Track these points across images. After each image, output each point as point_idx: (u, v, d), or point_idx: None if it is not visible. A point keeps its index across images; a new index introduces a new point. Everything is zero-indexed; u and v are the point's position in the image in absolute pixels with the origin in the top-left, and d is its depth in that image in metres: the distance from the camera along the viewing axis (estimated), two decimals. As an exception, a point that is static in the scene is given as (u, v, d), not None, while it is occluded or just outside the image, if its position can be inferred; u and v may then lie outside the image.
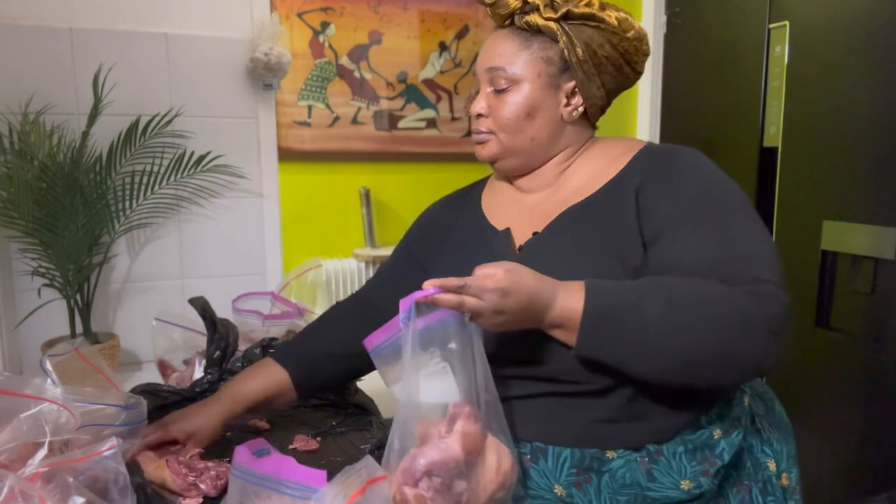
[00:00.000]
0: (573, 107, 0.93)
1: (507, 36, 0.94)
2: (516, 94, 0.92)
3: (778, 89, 1.97)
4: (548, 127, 0.93)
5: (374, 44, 2.20)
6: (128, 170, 1.61)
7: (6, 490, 0.72)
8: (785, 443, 0.95)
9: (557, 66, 0.91)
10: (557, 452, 0.86)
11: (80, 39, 1.61)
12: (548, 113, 0.93)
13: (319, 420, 1.22)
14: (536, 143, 0.94)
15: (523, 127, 0.93)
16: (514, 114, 0.92)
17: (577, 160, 0.96)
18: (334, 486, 0.80)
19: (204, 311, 1.31)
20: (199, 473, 0.92)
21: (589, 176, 0.93)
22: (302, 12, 2.09)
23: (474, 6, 2.36)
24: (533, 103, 0.92)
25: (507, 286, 0.74)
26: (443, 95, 2.32)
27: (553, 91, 0.92)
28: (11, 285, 1.60)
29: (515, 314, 0.75)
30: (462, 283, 0.73)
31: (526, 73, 0.91)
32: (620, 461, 0.84)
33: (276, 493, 0.86)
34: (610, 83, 0.94)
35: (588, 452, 0.84)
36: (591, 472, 0.84)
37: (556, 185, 0.96)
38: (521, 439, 0.88)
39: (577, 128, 0.96)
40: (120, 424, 0.93)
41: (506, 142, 0.94)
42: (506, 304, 0.74)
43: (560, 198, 0.94)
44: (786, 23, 1.94)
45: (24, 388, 0.83)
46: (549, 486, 0.86)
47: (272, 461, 0.91)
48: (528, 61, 0.91)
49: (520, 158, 0.96)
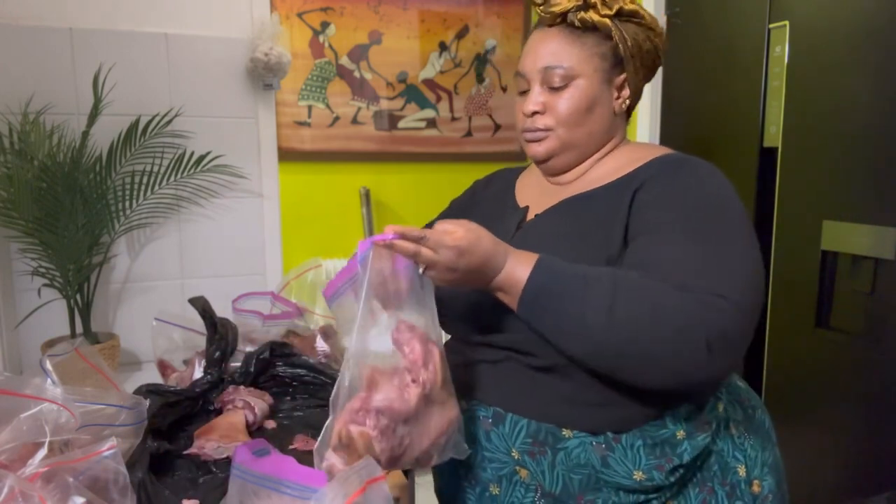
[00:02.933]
0: (622, 99, 0.97)
1: (559, 33, 0.95)
2: (574, 89, 0.94)
3: (778, 89, 1.97)
4: (603, 120, 0.97)
5: (374, 44, 2.20)
6: (128, 170, 1.61)
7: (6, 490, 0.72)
8: (761, 450, 0.95)
9: (610, 61, 0.95)
10: (515, 420, 0.90)
11: (80, 39, 1.61)
12: (604, 106, 0.96)
13: (319, 420, 1.22)
14: (593, 137, 0.97)
15: (583, 121, 0.95)
16: (575, 109, 0.95)
17: (607, 157, 1.00)
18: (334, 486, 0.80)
19: (204, 311, 1.32)
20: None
21: (606, 172, 0.97)
22: (302, 12, 2.09)
23: (474, 6, 2.36)
24: (591, 97, 0.95)
25: (464, 245, 0.77)
26: (443, 95, 2.32)
27: (607, 85, 0.96)
28: (11, 285, 1.60)
29: (466, 274, 0.79)
30: (422, 234, 0.76)
31: (583, 69, 0.94)
32: (576, 441, 0.86)
33: (276, 492, 0.86)
34: (646, 78, 1.00)
35: (544, 426, 0.88)
36: (546, 447, 0.87)
37: (580, 179, 1.00)
38: (483, 402, 0.93)
39: (621, 120, 1.01)
40: (120, 424, 0.93)
41: (565, 136, 0.96)
42: (459, 262, 0.78)
43: (576, 188, 0.98)
44: (786, 23, 1.94)
45: (24, 388, 0.83)
46: (507, 449, 0.90)
47: (272, 461, 0.91)
48: (584, 58, 0.94)
49: (575, 153, 0.98)
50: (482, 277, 0.81)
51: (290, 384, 1.33)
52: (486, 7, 2.36)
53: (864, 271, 1.74)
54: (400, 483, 1.05)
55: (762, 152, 2.04)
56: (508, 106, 2.48)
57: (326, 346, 1.51)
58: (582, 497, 0.87)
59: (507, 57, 2.44)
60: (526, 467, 0.89)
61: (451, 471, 0.98)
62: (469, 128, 2.38)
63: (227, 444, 1.07)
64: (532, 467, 0.88)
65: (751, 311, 0.77)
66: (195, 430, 1.12)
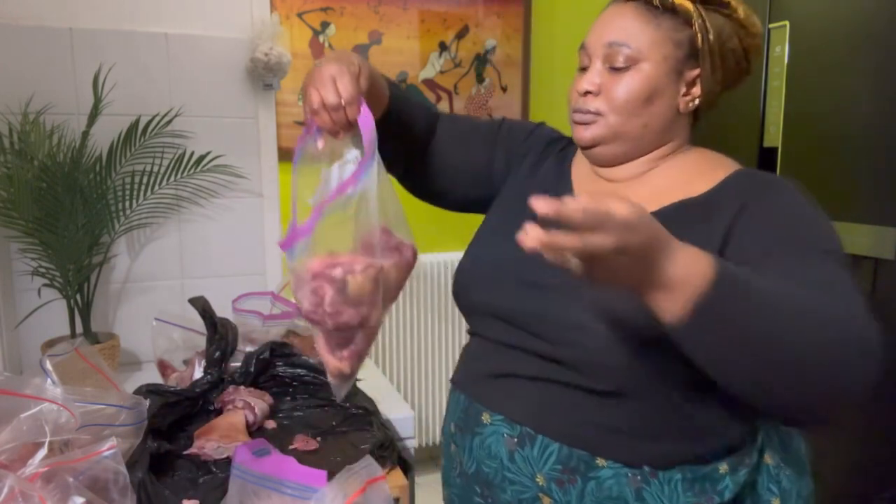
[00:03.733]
0: (691, 97, 0.86)
1: (634, 10, 0.84)
2: (637, 73, 0.83)
3: (778, 89, 1.97)
4: (663, 115, 0.85)
5: (374, 44, 2.20)
6: (128, 170, 1.61)
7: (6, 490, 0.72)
8: (797, 480, 0.88)
9: (685, 51, 0.83)
10: (545, 444, 0.82)
11: (80, 39, 1.61)
12: (666, 100, 0.85)
13: (319, 420, 1.22)
14: (648, 131, 0.86)
15: (639, 111, 0.84)
16: (633, 96, 0.84)
17: (668, 161, 0.89)
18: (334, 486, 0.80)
19: (204, 311, 1.32)
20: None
21: (673, 182, 0.87)
22: (302, 12, 2.09)
23: (474, 6, 2.36)
24: (654, 87, 0.83)
25: (633, 219, 0.57)
26: (443, 95, 2.32)
27: (675, 77, 0.84)
28: (11, 285, 1.60)
29: (636, 258, 0.59)
30: (578, 212, 0.55)
31: (651, 54, 0.82)
32: (610, 472, 0.79)
33: (277, 492, 0.86)
34: (728, 78, 0.87)
35: (576, 452, 0.80)
36: (577, 475, 0.80)
37: (637, 182, 0.89)
38: (513, 420, 0.85)
39: (685, 122, 0.89)
40: (120, 424, 0.94)
41: (615, 125, 0.86)
42: (631, 241, 0.57)
43: (640, 191, 0.87)
44: (786, 23, 1.94)
45: (25, 388, 0.83)
46: (531, 474, 0.83)
47: (272, 461, 0.91)
48: (655, 41, 0.82)
49: (625, 145, 0.87)
50: (651, 263, 0.60)
51: (290, 384, 1.33)
52: (486, 7, 2.36)
53: (864, 271, 1.74)
54: (400, 483, 1.05)
55: (762, 152, 2.04)
56: (508, 106, 2.48)
57: (326, 346, 1.51)
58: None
59: (507, 57, 2.44)
60: (551, 496, 0.81)
61: (467, 485, 0.91)
62: (469, 128, 2.38)
63: (227, 444, 1.07)
64: (558, 496, 0.81)
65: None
66: (195, 431, 1.12)
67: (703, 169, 0.86)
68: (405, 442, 1.34)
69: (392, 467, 1.08)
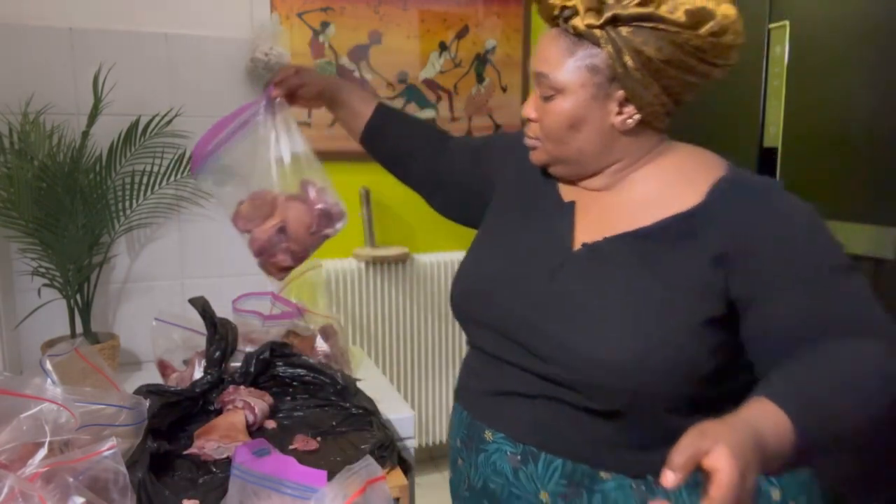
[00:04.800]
0: (626, 115, 0.83)
1: (555, 38, 0.83)
2: (560, 103, 0.83)
3: (778, 89, 1.97)
4: (596, 139, 0.84)
5: (374, 44, 2.21)
6: (128, 170, 1.61)
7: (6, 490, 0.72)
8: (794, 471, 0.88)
9: (605, 75, 0.81)
10: (549, 460, 0.83)
11: (80, 39, 1.61)
12: (595, 125, 0.83)
13: (319, 420, 1.22)
14: (585, 154, 0.86)
15: (567, 139, 0.85)
16: (557, 125, 0.85)
17: (642, 168, 0.87)
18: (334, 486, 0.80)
19: (204, 311, 1.32)
20: None
21: (658, 189, 0.85)
22: (302, 12, 2.09)
23: (474, 6, 2.36)
24: (576, 115, 0.83)
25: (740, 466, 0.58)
26: (443, 95, 2.32)
27: (601, 101, 0.82)
28: (11, 285, 1.60)
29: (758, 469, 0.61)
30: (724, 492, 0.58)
31: (569, 83, 0.82)
32: (614, 483, 0.81)
33: (277, 492, 0.86)
34: (676, 86, 0.82)
35: (580, 467, 0.81)
36: (582, 489, 0.81)
37: (618, 187, 0.88)
38: (515, 439, 0.86)
39: (635, 137, 0.85)
40: (120, 424, 0.94)
41: (552, 150, 0.88)
42: (752, 481, 0.60)
43: (624, 200, 0.87)
44: (786, 23, 1.94)
45: (25, 388, 0.83)
46: (535, 491, 0.84)
47: (272, 461, 0.91)
48: (572, 70, 0.81)
49: (569, 167, 0.89)
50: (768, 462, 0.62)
51: (290, 384, 1.33)
52: (486, 7, 2.36)
53: (864, 271, 1.74)
54: (400, 483, 1.05)
55: (762, 152, 2.04)
56: (508, 106, 2.48)
57: (326, 346, 1.51)
58: None
59: (507, 57, 2.44)
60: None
61: (475, 499, 0.92)
62: (469, 128, 2.38)
63: (228, 444, 1.07)
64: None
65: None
66: (195, 431, 1.12)
67: (689, 173, 0.84)
68: (405, 442, 1.34)
69: (392, 467, 1.08)
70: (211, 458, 1.06)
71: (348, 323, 2.20)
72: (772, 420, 0.63)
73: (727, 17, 0.79)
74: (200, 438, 1.09)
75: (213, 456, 1.06)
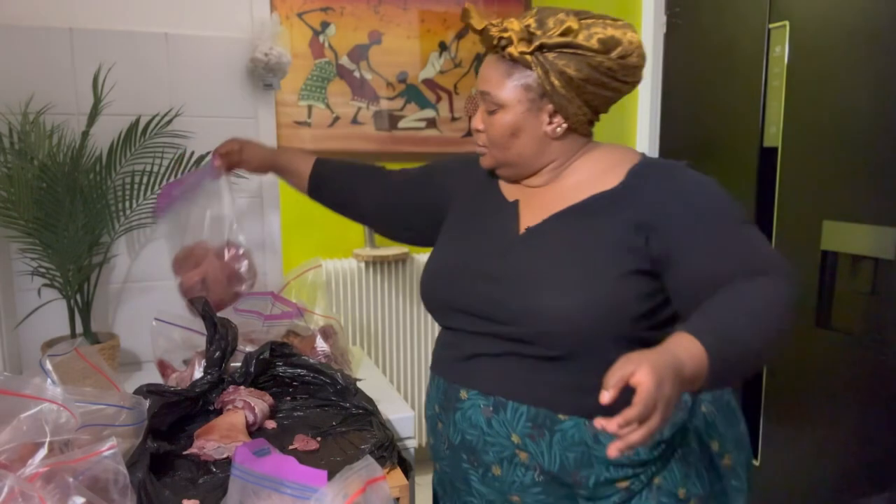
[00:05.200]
0: (556, 125, 1.01)
1: (496, 63, 1.01)
2: (501, 116, 1.01)
3: (778, 89, 1.97)
4: (532, 144, 1.02)
5: (374, 44, 2.21)
6: (128, 170, 1.61)
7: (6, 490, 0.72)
8: (729, 425, 1.06)
9: (536, 92, 0.99)
10: (515, 407, 0.98)
11: (80, 39, 1.61)
12: (531, 132, 1.01)
13: (320, 420, 1.22)
14: (524, 157, 1.04)
15: (509, 145, 1.03)
16: (501, 134, 1.02)
17: (572, 164, 1.05)
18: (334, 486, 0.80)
19: (204, 311, 1.32)
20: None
21: (586, 178, 1.03)
22: (302, 12, 2.09)
23: (474, 6, 2.36)
24: (516, 125, 1.01)
25: (655, 380, 0.71)
26: (443, 95, 2.32)
27: (535, 113, 1.00)
28: (11, 285, 1.60)
29: (675, 393, 0.74)
30: (637, 412, 0.70)
31: (508, 100, 1.00)
32: (571, 423, 0.96)
33: (277, 492, 0.86)
34: (595, 100, 0.99)
35: (542, 412, 0.97)
36: (544, 429, 0.96)
37: (554, 183, 1.06)
38: (486, 393, 1.01)
39: (564, 141, 1.03)
40: (120, 424, 0.94)
41: (497, 155, 1.06)
42: (669, 392, 0.72)
43: (558, 190, 1.04)
44: (786, 23, 1.94)
45: (25, 388, 0.83)
46: (507, 435, 0.99)
47: (272, 461, 0.91)
48: (510, 88, 0.99)
49: (512, 169, 1.07)
50: (681, 384, 0.75)
51: (291, 384, 1.33)
52: (486, 7, 2.36)
53: (864, 271, 1.74)
54: (400, 483, 1.06)
55: (762, 152, 2.05)
56: (508, 106, 2.48)
57: (326, 346, 1.51)
58: (577, 473, 0.96)
59: (507, 57, 2.44)
60: (526, 450, 0.98)
61: (454, 454, 1.06)
62: (469, 128, 2.38)
63: (228, 444, 1.07)
64: (532, 449, 0.97)
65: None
66: (195, 431, 1.12)
67: (611, 163, 1.02)
68: (405, 442, 1.34)
69: (392, 467, 1.08)
70: (211, 458, 1.06)
71: (348, 323, 2.20)
72: (688, 348, 0.78)
73: (632, 42, 0.97)
74: (200, 438, 1.09)
75: (214, 456, 1.06)
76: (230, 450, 1.05)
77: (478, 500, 1.06)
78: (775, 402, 2.01)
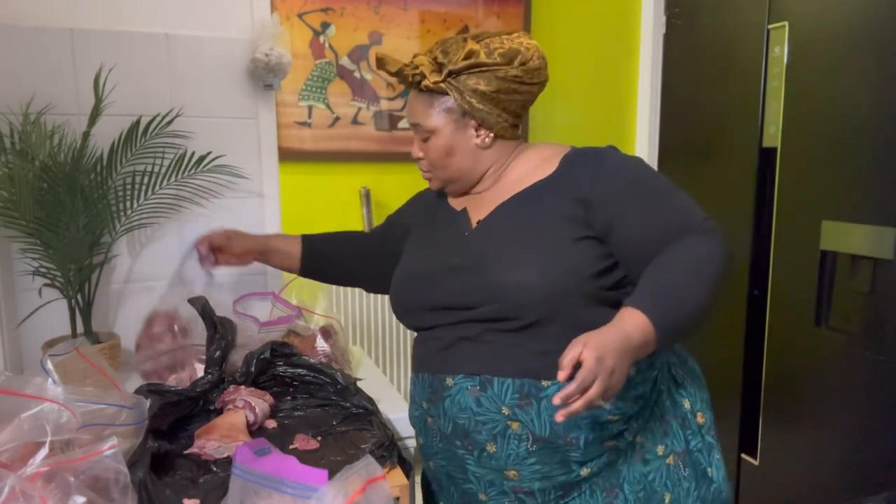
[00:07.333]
0: (483, 136, 1.12)
1: (418, 97, 1.13)
2: (435, 140, 1.13)
3: (777, 89, 1.98)
4: (467, 158, 1.14)
5: (374, 44, 2.21)
6: (128, 170, 1.61)
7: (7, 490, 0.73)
8: (698, 388, 1.16)
9: (458, 113, 1.10)
10: (501, 381, 1.04)
11: (80, 40, 1.62)
12: (463, 148, 1.13)
13: (320, 420, 1.23)
14: (463, 172, 1.15)
15: (447, 164, 1.14)
16: (438, 156, 1.14)
17: (510, 165, 1.16)
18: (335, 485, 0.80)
19: (204, 311, 1.32)
20: None
21: (524, 173, 1.14)
22: (302, 13, 2.10)
23: (474, 6, 2.36)
24: (449, 146, 1.13)
25: (596, 353, 0.84)
26: (443, 96, 2.32)
27: (462, 131, 1.12)
28: (12, 285, 1.60)
29: (621, 363, 0.87)
30: (578, 386, 0.83)
31: (436, 126, 1.11)
32: (554, 388, 1.00)
33: (277, 492, 0.86)
34: (511, 105, 1.10)
35: (526, 382, 1.02)
36: (531, 398, 1.02)
37: (496, 184, 1.17)
38: (471, 373, 1.06)
39: (495, 148, 1.14)
40: (121, 424, 0.94)
41: (441, 176, 1.17)
42: (612, 364, 0.85)
43: (501, 187, 1.15)
44: (785, 23, 1.94)
45: (26, 387, 0.83)
46: (497, 409, 1.04)
47: (273, 460, 0.91)
48: (435, 116, 1.11)
49: (457, 183, 1.18)
50: (628, 354, 0.88)
51: (291, 384, 1.33)
52: (486, 7, 2.36)
53: (863, 271, 1.74)
54: (400, 483, 1.06)
55: (762, 152, 2.05)
56: (508, 106, 2.48)
57: (326, 345, 1.51)
58: (566, 435, 1.02)
59: (507, 57, 2.44)
60: (517, 419, 1.03)
61: (448, 444, 1.09)
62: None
63: (228, 443, 1.07)
64: (522, 417, 1.03)
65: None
66: (196, 430, 1.12)
67: (545, 157, 1.13)
68: (405, 441, 1.34)
69: (392, 467, 1.08)
70: (211, 458, 1.06)
71: (348, 323, 2.20)
72: (632, 318, 0.90)
73: (529, 48, 1.08)
74: (201, 438, 1.09)
75: (214, 455, 1.06)
76: (231, 449, 1.06)
77: (476, 484, 1.08)
78: (774, 401, 2.01)
